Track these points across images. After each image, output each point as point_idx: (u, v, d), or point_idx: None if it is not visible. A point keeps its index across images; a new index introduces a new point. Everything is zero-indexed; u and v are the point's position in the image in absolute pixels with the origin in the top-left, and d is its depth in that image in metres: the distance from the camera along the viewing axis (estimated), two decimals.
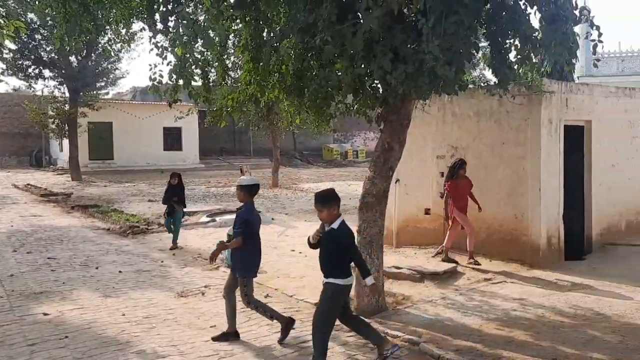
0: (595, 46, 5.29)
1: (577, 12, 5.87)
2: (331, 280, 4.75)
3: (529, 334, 5.70)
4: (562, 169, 8.81)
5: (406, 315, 6.29)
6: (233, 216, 13.78)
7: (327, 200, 4.84)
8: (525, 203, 8.53)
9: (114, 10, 7.11)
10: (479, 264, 8.46)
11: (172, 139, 33.30)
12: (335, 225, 4.75)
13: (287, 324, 5.59)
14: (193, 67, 6.06)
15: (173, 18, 5.59)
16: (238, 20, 7.05)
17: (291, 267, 8.85)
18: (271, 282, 7.85)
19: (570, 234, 9.02)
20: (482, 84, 6.92)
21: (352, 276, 4.87)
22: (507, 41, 6.00)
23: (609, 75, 35.75)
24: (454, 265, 8.18)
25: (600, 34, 5.25)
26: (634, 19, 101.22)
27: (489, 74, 7.39)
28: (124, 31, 9.07)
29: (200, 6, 6.69)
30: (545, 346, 5.35)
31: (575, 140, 9.35)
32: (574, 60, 10.95)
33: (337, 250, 4.75)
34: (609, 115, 9.97)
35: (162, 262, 9.34)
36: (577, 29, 6.44)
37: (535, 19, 6.06)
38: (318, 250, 4.91)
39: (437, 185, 9.47)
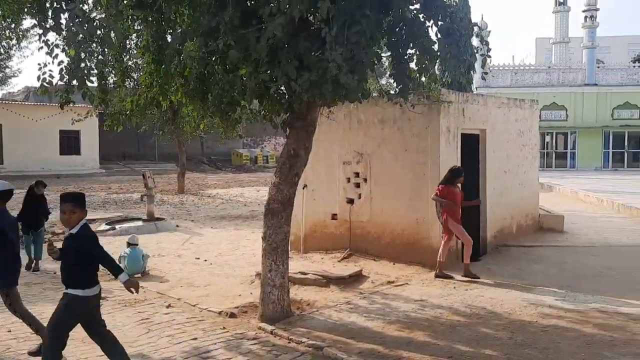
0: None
1: (474, 27, 6.22)
2: (70, 290, 4.46)
3: (427, 333, 5.91)
4: None
5: (311, 321, 6.32)
6: (135, 224, 13.32)
7: (69, 201, 4.52)
8: (425, 208, 8.87)
9: (2, 5, 6.61)
10: (477, 278, 8.05)
11: (70, 142, 31.59)
12: (74, 230, 4.47)
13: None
14: (88, 67, 5.74)
15: (66, 15, 5.27)
16: (140, 21, 6.81)
17: (195, 275, 8.63)
18: (174, 292, 7.60)
19: None
20: (384, 93, 7.09)
21: (97, 286, 4.57)
22: (408, 52, 6.23)
23: (503, 86, 38.14)
24: (358, 269, 8.34)
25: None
26: (527, 34, 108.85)
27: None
28: (13, 27, 8.45)
29: (99, 6, 6.38)
30: (443, 345, 5.58)
31: (472, 147, 9.87)
32: (472, 72, 11.60)
33: (76, 258, 4.43)
34: (501, 125, 10.64)
35: (54, 273, 8.77)
36: (475, 42, 6.81)
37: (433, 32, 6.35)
38: (225, 258, 4.80)
39: (344, 190, 9.62)
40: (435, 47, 5.85)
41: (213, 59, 6.03)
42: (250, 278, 8.19)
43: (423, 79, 7.22)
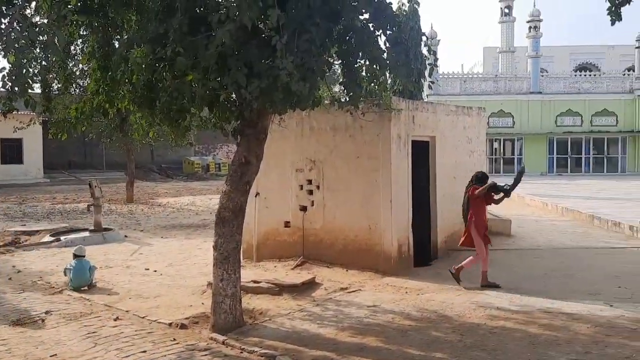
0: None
1: (422, 37, 6.34)
2: None
3: (380, 339, 5.96)
4: (411, 181, 9.41)
5: (264, 330, 6.27)
6: (82, 235, 12.90)
7: None
8: (377, 214, 8.96)
9: None
10: (497, 286, 7.92)
11: (11, 151, 30.40)
12: None
13: None
14: (31, 73, 5.54)
15: (6, 20, 5.07)
16: (85, 26, 6.64)
17: (145, 286, 8.42)
18: (122, 304, 7.39)
19: (419, 241, 9.65)
20: (335, 100, 7.14)
21: None
22: (358, 60, 6.30)
23: (453, 94, 39.10)
24: (312, 276, 8.34)
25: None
26: (476, 43, 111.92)
27: None
28: None
29: (42, 10, 6.18)
30: (394, 350, 5.64)
31: (422, 154, 10.06)
32: (422, 80, 11.79)
33: None
34: (450, 132, 10.89)
35: None
36: (425, 51, 6.95)
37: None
38: (176, 268, 4.70)
39: (297, 198, 9.61)
40: (385, 55, 5.93)
41: (161, 66, 5.93)
42: (202, 288, 8.07)
43: (374, 87, 7.33)
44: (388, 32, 5.80)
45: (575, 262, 9.85)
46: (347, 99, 6.23)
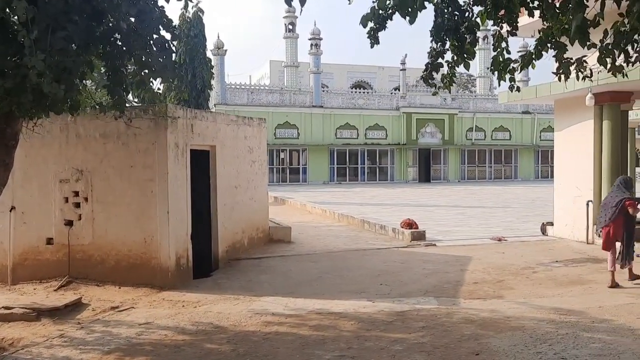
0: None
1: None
2: None
3: (149, 357, 5.66)
4: (190, 191, 9.19)
5: None
6: None
7: None
8: (154, 226, 8.57)
9: None
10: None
11: None
12: None
13: None
14: None
15: None
16: None
17: None
18: None
19: (199, 253, 9.47)
20: (97, 105, 6.61)
21: None
22: (124, 63, 5.94)
23: (240, 104, 39.77)
24: (77, 297, 7.62)
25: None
26: (264, 56, 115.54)
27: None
28: None
29: None
30: None
31: (202, 163, 9.92)
32: (208, 90, 11.61)
33: None
34: (231, 141, 10.94)
35: None
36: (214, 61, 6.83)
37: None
38: None
39: (61, 212, 8.73)
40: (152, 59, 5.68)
41: None
42: None
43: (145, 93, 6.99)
44: (155, 35, 5.57)
45: (346, 263, 10.62)
46: (109, 104, 5.83)
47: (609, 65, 5.24)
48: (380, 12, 5.59)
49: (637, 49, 4.85)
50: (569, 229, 13.07)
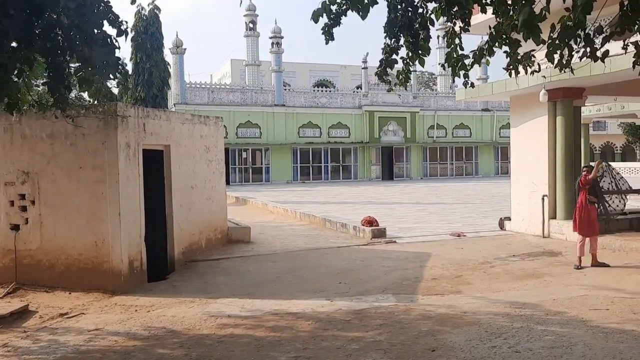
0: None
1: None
2: None
3: None
4: (143, 192, 8.93)
5: None
6: None
7: None
8: (105, 229, 8.30)
9: None
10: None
11: None
12: None
13: None
14: None
15: None
16: None
17: None
18: None
19: (154, 255, 9.23)
20: (36, 102, 6.35)
21: None
22: (65, 59, 5.70)
23: (201, 104, 39.24)
24: (24, 304, 7.30)
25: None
26: (225, 54, 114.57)
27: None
28: None
29: None
30: None
31: (156, 163, 9.66)
32: (166, 88, 11.34)
33: None
34: (186, 141, 10.70)
35: None
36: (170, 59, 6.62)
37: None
38: None
39: (7, 216, 8.38)
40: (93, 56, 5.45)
41: None
42: None
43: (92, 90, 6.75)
44: (96, 30, 5.35)
45: (306, 262, 10.51)
46: (50, 102, 5.58)
47: (556, 61, 5.27)
48: (333, 7, 5.50)
49: (580, 44, 4.88)
50: (526, 223, 13.30)
